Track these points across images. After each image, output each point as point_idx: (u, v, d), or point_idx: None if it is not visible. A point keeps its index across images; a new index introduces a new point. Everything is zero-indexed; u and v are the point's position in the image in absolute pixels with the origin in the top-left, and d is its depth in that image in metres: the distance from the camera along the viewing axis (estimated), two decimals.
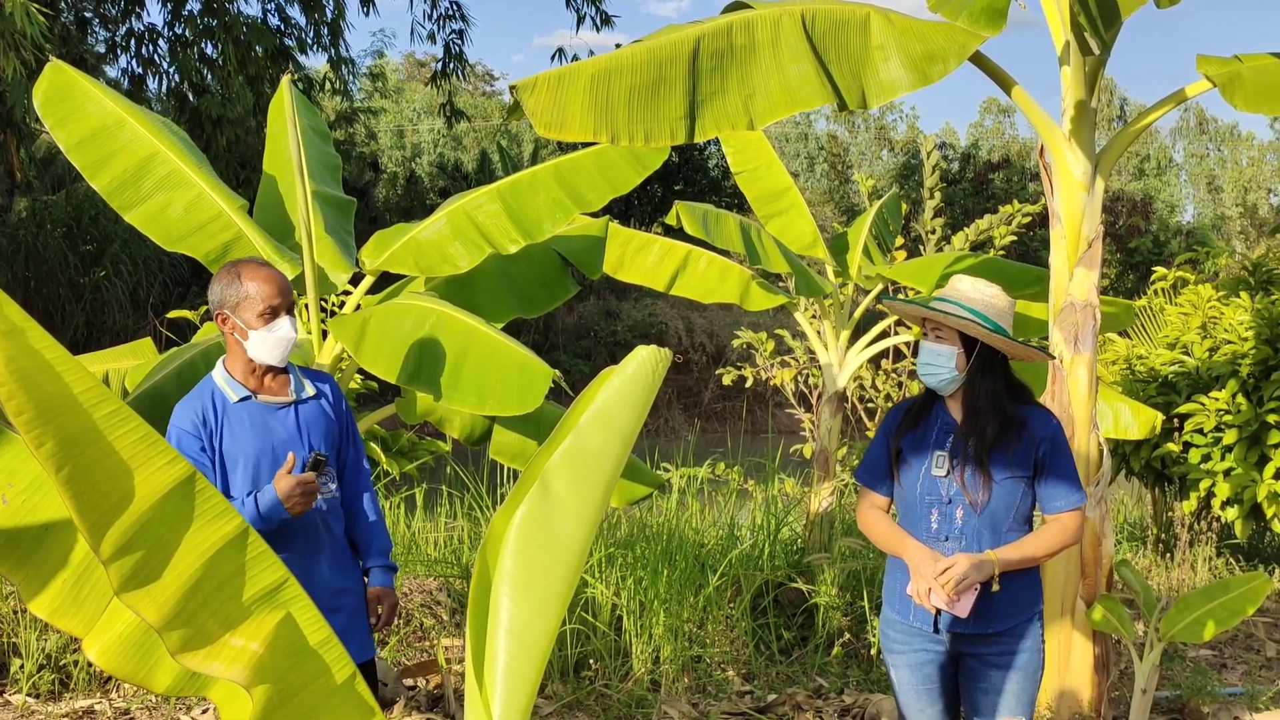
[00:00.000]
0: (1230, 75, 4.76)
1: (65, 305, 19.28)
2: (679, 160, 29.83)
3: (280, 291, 3.63)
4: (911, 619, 3.70)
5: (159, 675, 2.17)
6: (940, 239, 10.62)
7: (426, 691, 5.88)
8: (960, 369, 3.63)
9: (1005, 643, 3.64)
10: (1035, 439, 3.63)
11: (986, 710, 3.67)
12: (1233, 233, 46.80)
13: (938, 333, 3.65)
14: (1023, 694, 3.66)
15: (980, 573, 3.50)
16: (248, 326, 3.59)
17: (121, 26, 19.38)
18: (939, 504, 3.63)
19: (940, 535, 3.63)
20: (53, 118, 4.90)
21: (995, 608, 3.60)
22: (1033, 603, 3.68)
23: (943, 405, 3.74)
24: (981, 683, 3.67)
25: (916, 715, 3.78)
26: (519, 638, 2.11)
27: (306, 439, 3.68)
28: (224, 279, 3.65)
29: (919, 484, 3.67)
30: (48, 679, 5.72)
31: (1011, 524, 3.63)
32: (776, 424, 11.07)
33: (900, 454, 3.74)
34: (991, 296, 3.66)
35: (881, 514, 3.81)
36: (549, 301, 5.64)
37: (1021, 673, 3.65)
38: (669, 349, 2.14)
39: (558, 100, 4.03)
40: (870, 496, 3.83)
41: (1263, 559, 9.25)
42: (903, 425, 3.77)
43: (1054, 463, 3.64)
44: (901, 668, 3.77)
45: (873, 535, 3.82)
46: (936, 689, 3.74)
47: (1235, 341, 8.13)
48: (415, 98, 45.96)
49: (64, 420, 1.82)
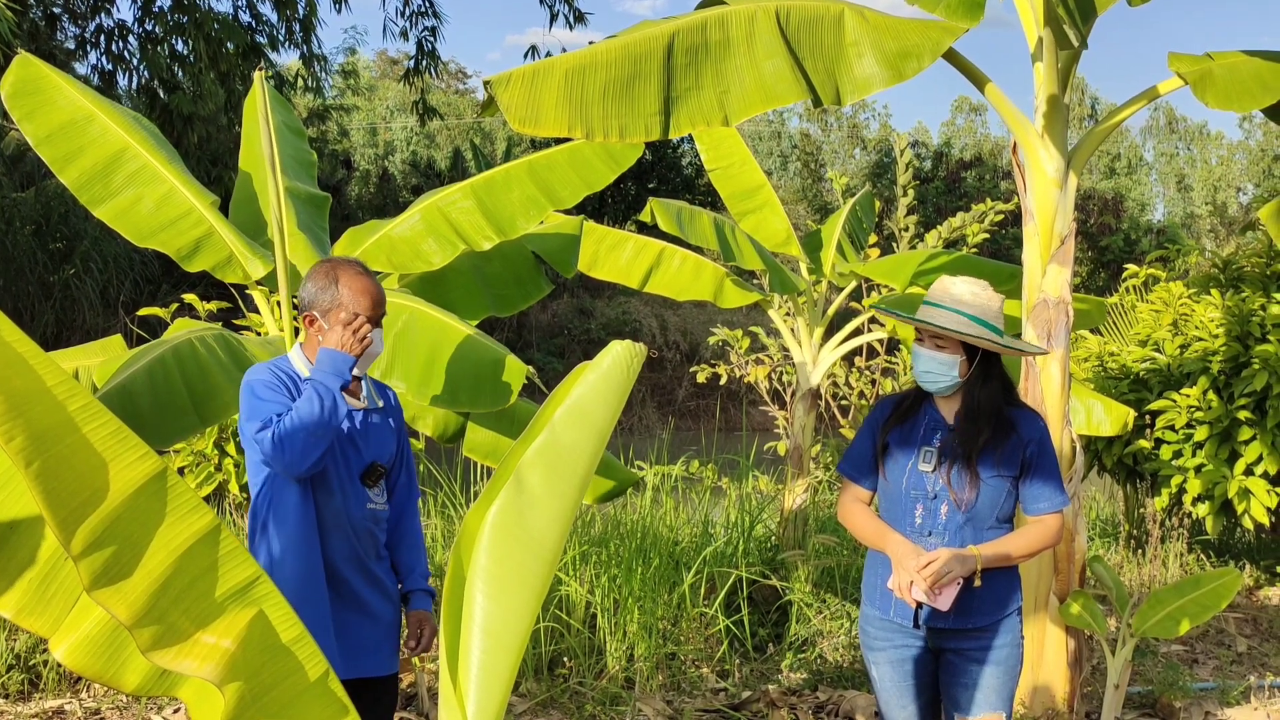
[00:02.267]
0: (1202, 73, 4.79)
1: (35, 304, 19.11)
2: (653, 158, 29.86)
3: (375, 304, 3.51)
4: (892, 614, 3.70)
5: (128, 675, 2.14)
6: (913, 237, 10.66)
7: (400, 690, 5.86)
8: (962, 375, 3.63)
9: (985, 638, 3.64)
10: (1023, 440, 3.64)
11: (967, 705, 3.66)
12: (1202, 231, 47.15)
13: (938, 341, 3.63)
14: (1003, 689, 3.66)
15: (963, 567, 3.51)
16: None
17: (91, 22, 19.28)
18: (924, 499, 3.64)
19: (924, 530, 3.63)
20: (20, 111, 4.84)
21: (976, 603, 3.61)
22: (1012, 599, 3.69)
23: (932, 402, 3.74)
24: (962, 678, 3.67)
25: (897, 712, 3.78)
26: (493, 635, 2.09)
27: (368, 446, 3.57)
28: (319, 280, 3.50)
29: (905, 478, 3.67)
30: (17, 679, 5.67)
31: (994, 522, 3.64)
32: (750, 421, 11.06)
33: (887, 448, 3.74)
34: (987, 299, 3.65)
35: (864, 507, 3.80)
36: (523, 299, 5.63)
37: (1001, 668, 3.65)
38: (642, 344, 2.13)
39: (532, 95, 4.01)
40: (853, 489, 3.82)
41: (1233, 555, 9.31)
42: (891, 419, 3.76)
43: (1040, 464, 3.65)
44: (882, 664, 3.76)
45: (854, 528, 3.81)
46: (917, 685, 3.75)
47: (1206, 338, 8.18)
48: (388, 95, 45.86)
49: (34, 414, 1.79)
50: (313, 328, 3.51)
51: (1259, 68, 4.86)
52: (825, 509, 8.78)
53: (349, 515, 3.53)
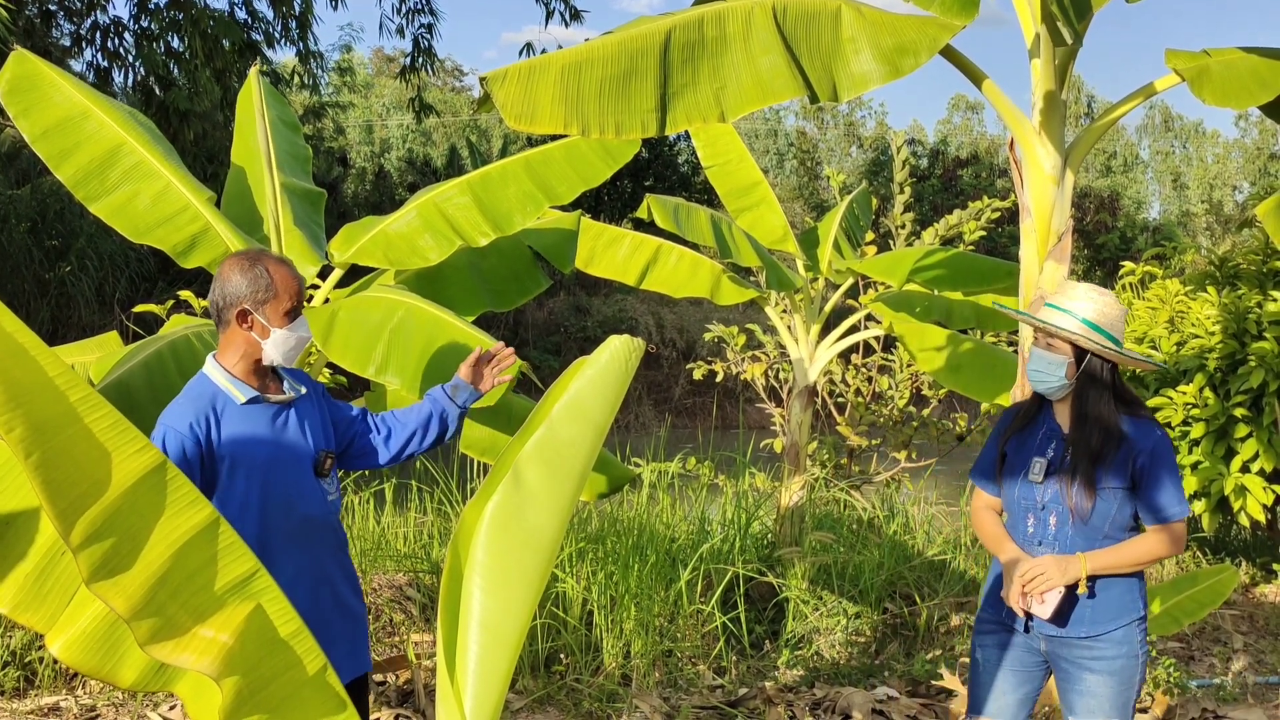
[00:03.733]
0: (1199, 69, 4.78)
1: (30, 300, 19.06)
2: (649, 155, 29.84)
3: (301, 289, 3.50)
4: (1004, 616, 3.75)
5: (124, 670, 2.14)
6: (910, 234, 10.67)
7: (396, 687, 5.85)
8: (1070, 377, 3.64)
9: (1099, 648, 3.61)
10: (1134, 450, 3.59)
11: (1081, 711, 3.66)
12: (1198, 229, 47.18)
13: (1049, 340, 3.66)
14: (1116, 698, 3.62)
15: (1065, 574, 3.52)
16: (270, 324, 3.42)
17: (87, 19, 19.22)
18: (1034, 509, 3.67)
19: (1035, 539, 3.67)
20: (16, 107, 4.83)
21: (1086, 612, 3.60)
22: (1131, 609, 3.64)
23: (1050, 409, 3.76)
24: (1076, 685, 3.66)
25: (996, 698, 3.79)
26: (491, 631, 2.09)
27: (310, 438, 3.55)
28: (246, 271, 3.42)
29: (1017, 488, 3.71)
30: (12, 676, 5.66)
31: (1109, 531, 3.61)
32: (747, 419, 11.08)
33: (1005, 457, 3.78)
34: (1104, 305, 3.67)
35: (990, 515, 3.86)
36: (520, 295, 5.61)
37: (1116, 678, 3.61)
38: (640, 339, 2.13)
39: (528, 92, 4.00)
40: (982, 496, 3.89)
41: (1229, 552, 9.32)
42: (1011, 427, 3.81)
43: (1153, 474, 3.59)
44: (989, 647, 3.80)
45: (980, 534, 3.88)
46: (1017, 678, 3.77)
47: (1202, 336, 8.18)
48: (384, 92, 45.81)
49: (34, 405, 1.79)
50: (245, 322, 3.42)
51: (1256, 64, 4.85)
52: (822, 506, 8.78)
53: (320, 515, 3.52)
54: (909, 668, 6.36)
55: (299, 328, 3.49)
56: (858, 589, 7.10)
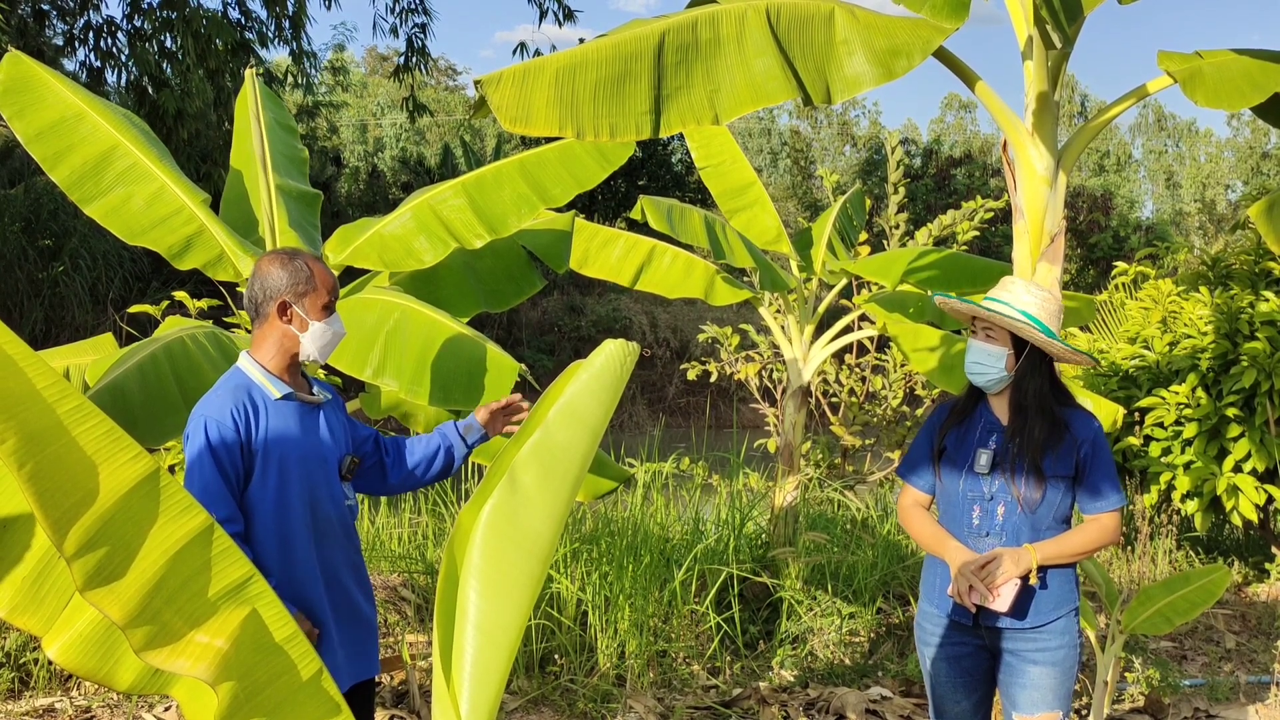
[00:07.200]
0: (1191, 71, 4.79)
1: (24, 301, 19.04)
2: (643, 156, 29.82)
3: (336, 285, 3.56)
4: (950, 613, 3.77)
5: (121, 673, 2.14)
6: (903, 234, 10.68)
7: (391, 688, 5.86)
8: (1009, 369, 3.70)
9: (1042, 638, 3.68)
10: (1077, 440, 3.68)
11: (1025, 705, 3.70)
12: (1191, 228, 47.25)
13: (989, 332, 3.71)
14: (1060, 688, 3.70)
15: (1019, 566, 3.57)
16: (308, 317, 3.44)
17: (79, 19, 19.18)
18: (981, 500, 3.70)
19: (981, 531, 3.70)
20: (10, 109, 4.83)
21: (1032, 603, 3.66)
22: (1069, 598, 3.72)
23: (986, 404, 3.80)
24: (1020, 678, 3.71)
25: (950, 707, 3.84)
26: (487, 633, 2.10)
27: (338, 442, 3.58)
28: (286, 265, 3.45)
29: (962, 480, 3.73)
30: (7, 677, 5.65)
31: (1051, 522, 3.68)
32: (741, 419, 11.08)
33: (944, 451, 3.81)
34: (1043, 300, 3.73)
35: (923, 512, 3.88)
36: (514, 296, 5.62)
37: (1059, 668, 3.68)
38: (636, 343, 2.14)
39: (523, 95, 4.01)
40: (912, 493, 3.91)
41: (1222, 552, 9.34)
42: (947, 422, 3.84)
43: (1095, 464, 3.69)
44: (938, 660, 3.82)
45: (914, 533, 3.89)
46: (970, 681, 3.81)
47: (1195, 336, 8.20)
48: (378, 92, 45.78)
49: (26, 416, 1.79)
50: (285, 315, 3.45)
51: (1248, 66, 4.86)
52: (815, 506, 8.79)
53: (338, 517, 3.54)
54: (903, 668, 6.38)
55: (335, 323, 3.52)
56: (852, 589, 7.11)
